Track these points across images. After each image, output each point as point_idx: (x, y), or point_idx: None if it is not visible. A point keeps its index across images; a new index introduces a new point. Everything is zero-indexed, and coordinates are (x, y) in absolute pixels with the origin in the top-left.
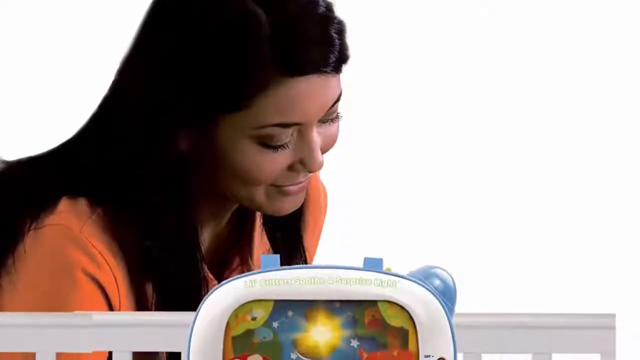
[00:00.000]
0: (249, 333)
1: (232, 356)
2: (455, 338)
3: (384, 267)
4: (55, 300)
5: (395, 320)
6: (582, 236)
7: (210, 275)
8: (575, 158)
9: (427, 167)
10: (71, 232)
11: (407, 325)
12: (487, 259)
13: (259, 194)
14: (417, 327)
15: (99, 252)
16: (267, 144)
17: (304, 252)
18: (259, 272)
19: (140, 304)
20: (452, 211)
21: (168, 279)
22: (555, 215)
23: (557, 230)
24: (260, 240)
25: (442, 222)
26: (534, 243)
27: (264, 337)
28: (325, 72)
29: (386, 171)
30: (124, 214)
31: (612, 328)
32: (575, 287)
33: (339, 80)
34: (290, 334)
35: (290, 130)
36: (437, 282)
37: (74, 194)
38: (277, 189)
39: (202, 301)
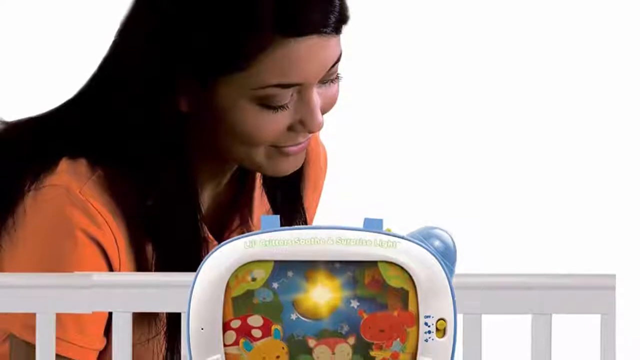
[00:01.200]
0: (249, 294)
1: (232, 317)
2: (455, 299)
3: (384, 228)
4: (55, 260)
5: (395, 281)
6: (582, 196)
7: (210, 236)
8: (576, 116)
9: (427, 127)
10: (71, 192)
11: (407, 286)
12: (487, 220)
13: (259, 155)
14: (417, 288)
15: (99, 213)
16: (267, 104)
17: (304, 213)
18: (259, 233)
19: (140, 265)
20: (452, 171)
21: (168, 240)
22: (556, 175)
23: (558, 190)
24: (260, 201)
25: (442, 183)
26: (535, 203)
27: (264, 298)
28: (325, 32)
29: (386, 132)
30: (124, 175)
31: (612, 289)
32: (575, 248)
33: (339, 41)
34: (290, 295)
35: (290, 91)
36: (437, 243)
37: (73, 154)
38: (277, 149)
39: (202, 262)
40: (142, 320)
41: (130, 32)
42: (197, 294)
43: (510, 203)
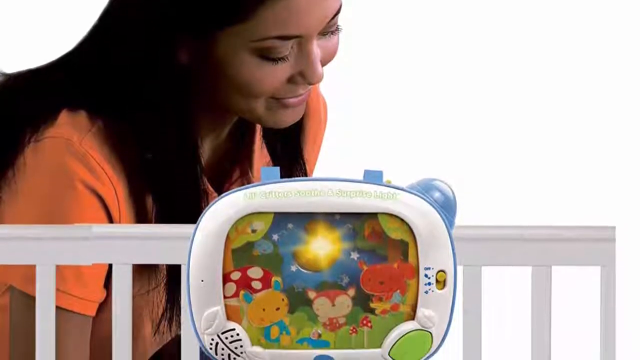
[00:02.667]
0: (249, 245)
1: (232, 268)
2: (455, 250)
3: (384, 180)
4: (55, 212)
5: (395, 232)
6: (582, 147)
7: (210, 188)
8: (576, 69)
9: (427, 79)
10: (71, 144)
11: (407, 238)
12: (488, 171)
13: (259, 107)
14: (417, 239)
15: (99, 165)
16: (267, 56)
17: (304, 165)
18: (259, 185)
19: (140, 217)
20: (452, 123)
21: (168, 192)
22: (556, 126)
23: (558, 141)
24: (260, 153)
25: (442, 134)
26: (535, 155)
27: (264, 250)
28: None
29: (386, 83)
30: (124, 127)
31: (612, 240)
32: (575, 199)
33: None
34: (290, 247)
35: (290, 43)
36: (437, 195)
37: (74, 106)
38: (277, 101)
39: (202, 214)
40: (142, 272)
41: None
42: (197, 246)
43: (511, 154)
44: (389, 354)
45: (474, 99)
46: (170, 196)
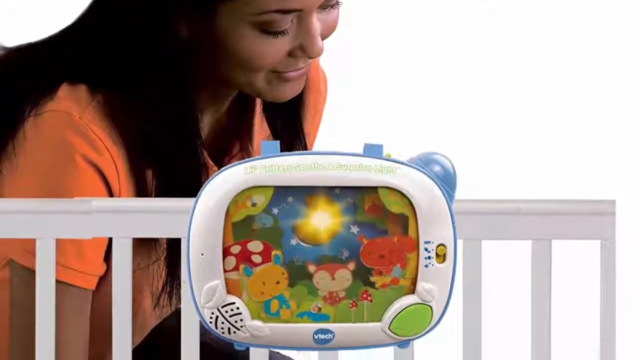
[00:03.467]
0: (249, 219)
1: (232, 242)
2: (455, 224)
3: (384, 154)
4: (55, 186)
5: (395, 206)
6: (583, 121)
7: (210, 162)
8: (577, 37)
9: (427, 53)
10: (71, 118)
11: (407, 212)
12: (488, 145)
13: (259, 80)
14: (417, 213)
15: (99, 138)
16: (267, 30)
17: (304, 138)
18: (259, 158)
19: (140, 191)
20: (452, 96)
21: (168, 165)
22: (556, 100)
23: (558, 114)
24: (260, 127)
25: (442, 108)
26: (535, 128)
27: (264, 224)
28: None
29: (386, 57)
30: (124, 101)
31: (612, 214)
32: (575, 173)
33: None
34: (290, 220)
35: (290, 17)
36: (437, 168)
37: (73, 80)
38: (277, 75)
39: (202, 187)
40: (142, 246)
41: None
42: (197, 220)
43: (511, 128)
44: (389, 328)
45: (474, 73)
46: (170, 170)
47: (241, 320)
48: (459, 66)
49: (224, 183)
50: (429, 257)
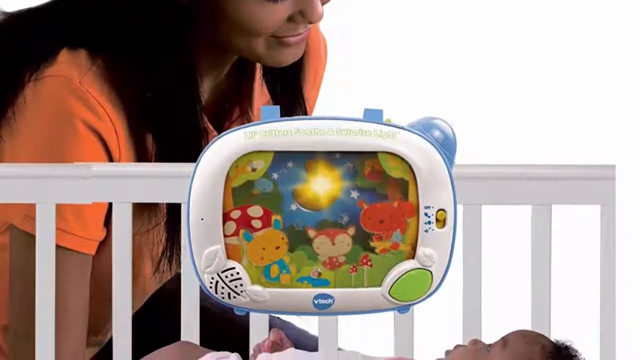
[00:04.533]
0: (249, 184)
1: (232, 207)
2: (455, 189)
3: (384, 119)
4: (55, 151)
5: (395, 171)
6: (583, 85)
7: (210, 127)
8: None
9: (427, 18)
10: (71, 83)
11: (407, 177)
12: (488, 110)
13: (259, 45)
14: (417, 178)
15: (99, 103)
16: None
17: (304, 103)
18: (259, 123)
19: (140, 156)
20: (453, 61)
21: (168, 130)
22: (556, 64)
23: (558, 79)
24: (260, 92)
25: (442, 73)
26: (535, 93)
27: (264, 189)
28: None
29: (386, 22)
30: (124, 65)
31: (612, 179)
32: (575, 138)
33: None
34: (290, 185)
35: None
36: (437, 133)
37: (74, 45)
38: (277, 40)
39: (202, 152)
40: (142, 211)
41: None
42: (197, 185)
43: (511, 93)
44: (389, 293)
45: (475, 37)
46: (170, 135)
47: (241, 285)
48: (460, 30)
49: (224, 148)
50: (429, 222)
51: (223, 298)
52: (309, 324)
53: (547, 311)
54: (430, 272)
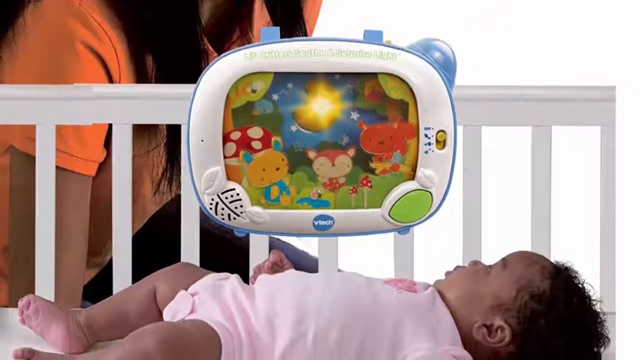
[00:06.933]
0: (249, 105)
1: (232, 128)
2: (455, 110)
3: (384, 40)
4: (56, 72)
5: (395, 92)
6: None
7: (210, 48)
8: None
9: None
10: (71, 4)
11: (407, 98)
12: (487, 30)
13: None
14: (417, 99)
15: (99, 25)
16: None
17: (304, 25)
18: (259, 45)
19: (140, 77)
20: None
21: (168, 51)
22: None
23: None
24: (260, 13)
25: None
26: (535, 14)
27: (264, 110)
28: None
29: None
30: None
31: (612, 100)
32: (575, 59)
33: None
34: (290, 106)
35: None
36: (437, 55)
37: None
38: None
39: (202, 73)
40: (142, 132)
41: None
42: (197, 106)
43: (511, 14)
44: (389, 214)
45: None
46: (170, 56)
47: (241, 206)
48: None
49: (224, 69)
50: (429, 143)
51: (223, 219)
52: (309, 245)
53: (547, 233)
54: (430, 193)
